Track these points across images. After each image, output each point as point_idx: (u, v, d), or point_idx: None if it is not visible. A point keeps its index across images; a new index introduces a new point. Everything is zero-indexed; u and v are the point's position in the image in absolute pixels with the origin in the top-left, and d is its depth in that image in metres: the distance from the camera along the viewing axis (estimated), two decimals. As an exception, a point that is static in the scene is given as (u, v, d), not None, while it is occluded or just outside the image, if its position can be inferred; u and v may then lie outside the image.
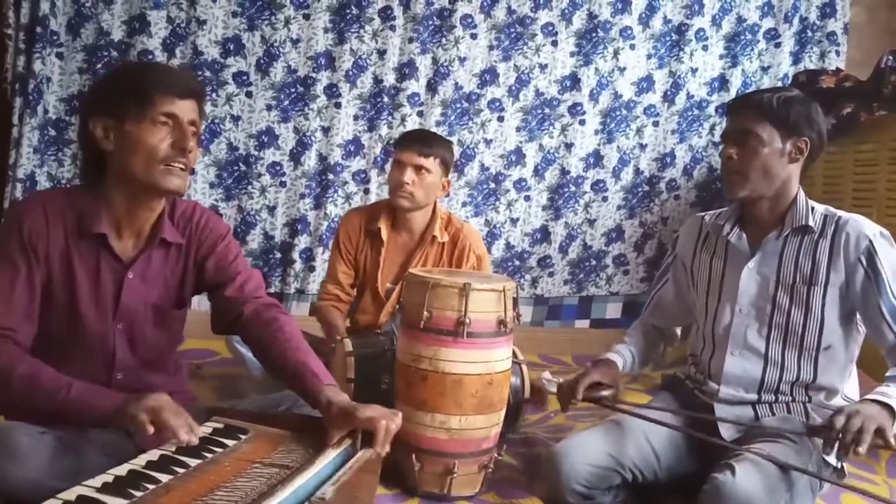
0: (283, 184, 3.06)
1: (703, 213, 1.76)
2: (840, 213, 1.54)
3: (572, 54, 3.22)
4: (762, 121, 1.51)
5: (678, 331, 1.90)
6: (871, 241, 1.47)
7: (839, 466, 1.53)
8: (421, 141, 2.13)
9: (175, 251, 1.43)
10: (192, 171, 1.38)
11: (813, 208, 1.55)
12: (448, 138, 3.12)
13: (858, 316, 1.53)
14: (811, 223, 1.53)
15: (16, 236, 1.28)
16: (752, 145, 1.52)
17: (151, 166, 1.29)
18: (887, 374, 1.46)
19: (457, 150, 3.18)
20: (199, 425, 1.25)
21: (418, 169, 2.09)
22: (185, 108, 1.31)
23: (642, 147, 3.32)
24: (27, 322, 1.28)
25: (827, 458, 1.48)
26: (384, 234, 2.19)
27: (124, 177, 1.31)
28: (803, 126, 1.51)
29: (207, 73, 2.93)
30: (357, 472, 1.14)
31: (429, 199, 2.17)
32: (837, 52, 3.37)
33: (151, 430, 1.11)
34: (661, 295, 1.83)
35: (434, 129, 3.12)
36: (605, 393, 1.62)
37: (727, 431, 1.55)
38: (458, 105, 3.16)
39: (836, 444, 1.32)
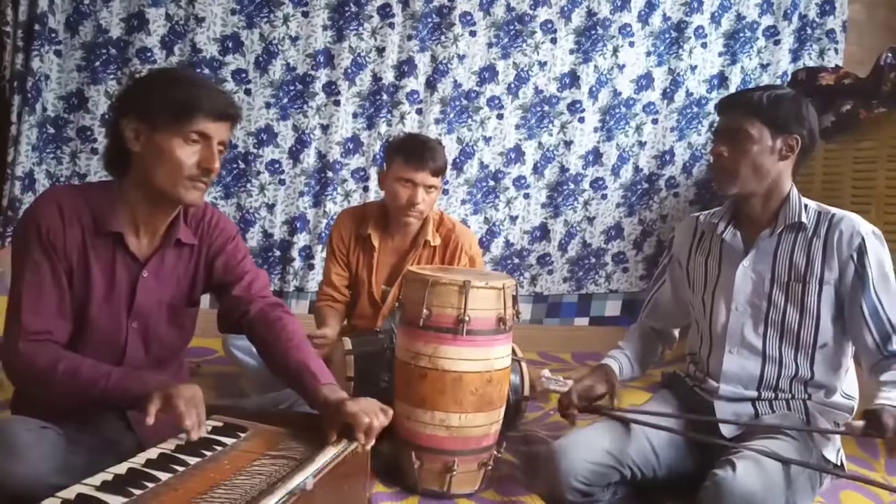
0: (282, 182, 3.06)
1: (697, 213, 1.77)
2: (833, 210, 1.55)
3: (571, 52, 3.22)
4: (752, 118, 1.52)
5: (676, 333, 1.90)
6: (863, 238, 1.48)
7: (839, 463, 1.53)
8: (432, 159, 2.05)
9: (187, 251, 1.45)
10: None
11: (806, 205, 1.56)
12: (447, 136, 3.14)
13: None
14: (804, 220, 1.53)
15: (35, 236, 1.28)
16: (742, 143, 1.53)
17: (176, 180, 1.30)
18: (882, 377, 1.45)
19: (456, 148, 3.18)
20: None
21: (429, 188, 2.07)
22: (219, 130, 1.32)
23: (641, 145, 3.32)
24: (61, 319, 1.30)
25: (826, 455, 1.49)
26: (374, 240, 2.18)
27: (146, 181, 1.32)
28: (793, 123, 1.52)
29: (206, 71, 2.92)
30: (341, 464, 1.14)
31: (432, 209, 2.16)
32: (836, 50, 3.37)
33: (189, 423, 1.14)
34: (658, 296, 1.84)
35: (433, 127, 3.12)
36: (601, 402, 1.63)
37: (727, 429, 1.55)
38: (458, 103, 3.15)
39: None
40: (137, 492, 0.99)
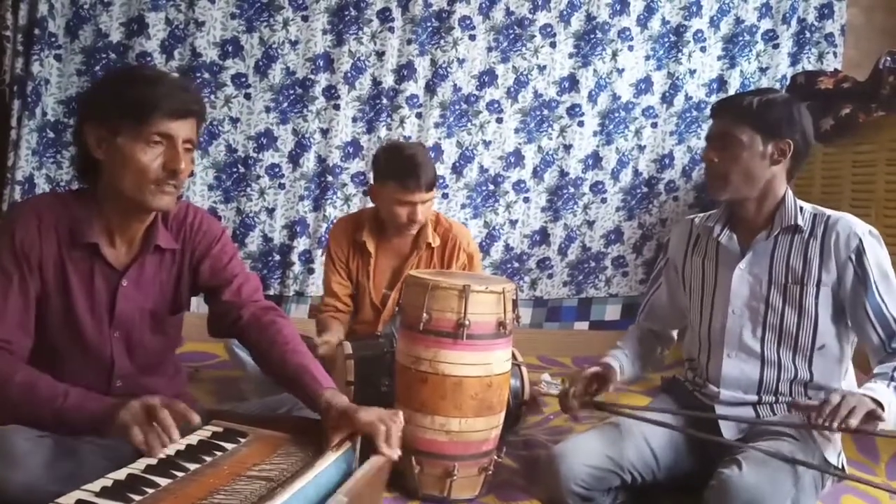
0: (281, 186, 3.06)
1: (692, 216, 1.77)
2: (829, 212, 1.55)
3: (571, 56, 3.22)
4: (742, 124, 1.52)
5: (674, 333, 1.90)
6: (860, 239, 1.49)
7: (840, 465, 1.53)
8: (425, 175, 2.02)
9: (170, 256, 1.41)
10: (191, 174, 1.37)
11: (801, 208, 1.56)
12: (447, 140, 3.14)
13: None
14: (801, 222, 1.53)
15: (8, 245, 1.26)
16: (732, 149, 1.53)
17: (141, 186, 1.26)
18: (874, 370, 1.47)
19: (456, 152, 3.18)
20: (199, 428, 1.25)
21: (425, 202, 2.07)
22: (181, 129, 1.27)
23: (641, 148, 3.32)
24: (22, 333, 1.26)
25: (827, 457, 1.49)
26: (370, 246, 2.18)
27: (114, 189, 1.29)
28: (785, 128, 1.52)
29: (206, 75, 2.93)
30: (370, 478, 1.13)
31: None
32: (835, 54, 3.38)
33: (140, 438, 1.10)
34: (654, 299, 1.84)
35: (432, 131, 3.12)
36: (600, 398, 1.63)
37: (729, 431, 1.55)
38: (457, 107, 3.15)
39: (828, 415, 1.32)
40: (137, 497, 0.99)
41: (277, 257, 3.09)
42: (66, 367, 1.29)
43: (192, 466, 1.10)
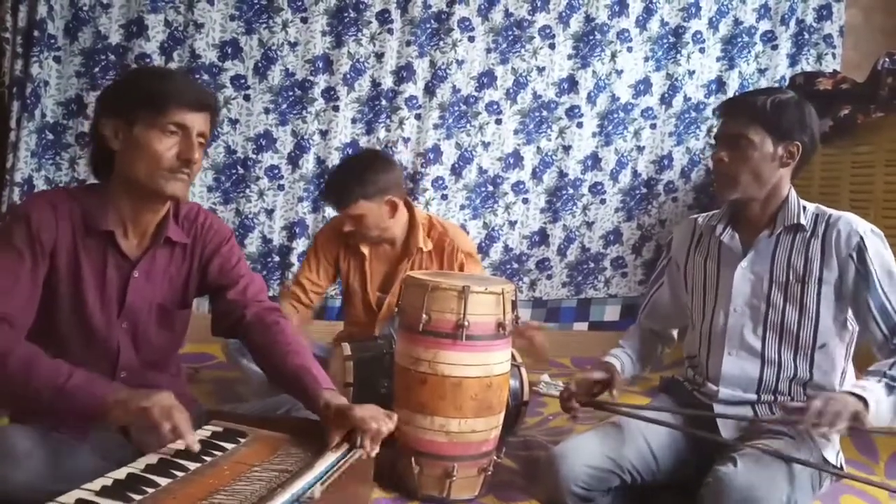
0: (281, 187, 3.06)
1: (696, 216, 1.78)
2: (831, 211, 1.56)
3: (570, 57, 3.22)
4: (754, 125, 1.52)
5: (675, 333, 1.91)
6: (861, 237, 1.49)
7: (839, 465, 1.53)
8: (335, 195, 2.03)
9: (180, 251, 1.44)
10: None
11: (804, 207, 1.57)
12: (446, 141, 3.14)
13: (850, 313, 1.54)
14: (803, 221, 1.54)
15: (23, 227, 1.27)
16: (743, 150, 1.53)
17: (154, 172, 1.29)
18: (870, 367, 1.47)
19: (455, 153, 3.18)
20: (199, 428, 1.26)
21: (353, 219, 2.06)
22: (196, 121, 1.31)
23: (640, 149, 3.33)
24: (26, 312, 1.27)
25: (826, 456, 1.49)
26: (364, 248, 2.18)
27: (128, 178, 1.32)
28: (795, 130, 1.52)
29: (205, 77, 2.93)
30: (347, 471, 1.14)
31: (387, 228, 2.11)
32: (834, 55, 3.38)
33: (168, 426, 1.10)
34: (656, 298, 1.84)
35: (432, 132, 3.12)
36: (604, 396, 1.64)
37: (727, 430, 1.55)
38: (456, 108, 3.16)
39: (810, 424, 1.33)
40: (137, 497, 0.99)
41: (277, 258, 3.09)
42: (71, 355, 1.29)
43: (192, 466, 1.10)
